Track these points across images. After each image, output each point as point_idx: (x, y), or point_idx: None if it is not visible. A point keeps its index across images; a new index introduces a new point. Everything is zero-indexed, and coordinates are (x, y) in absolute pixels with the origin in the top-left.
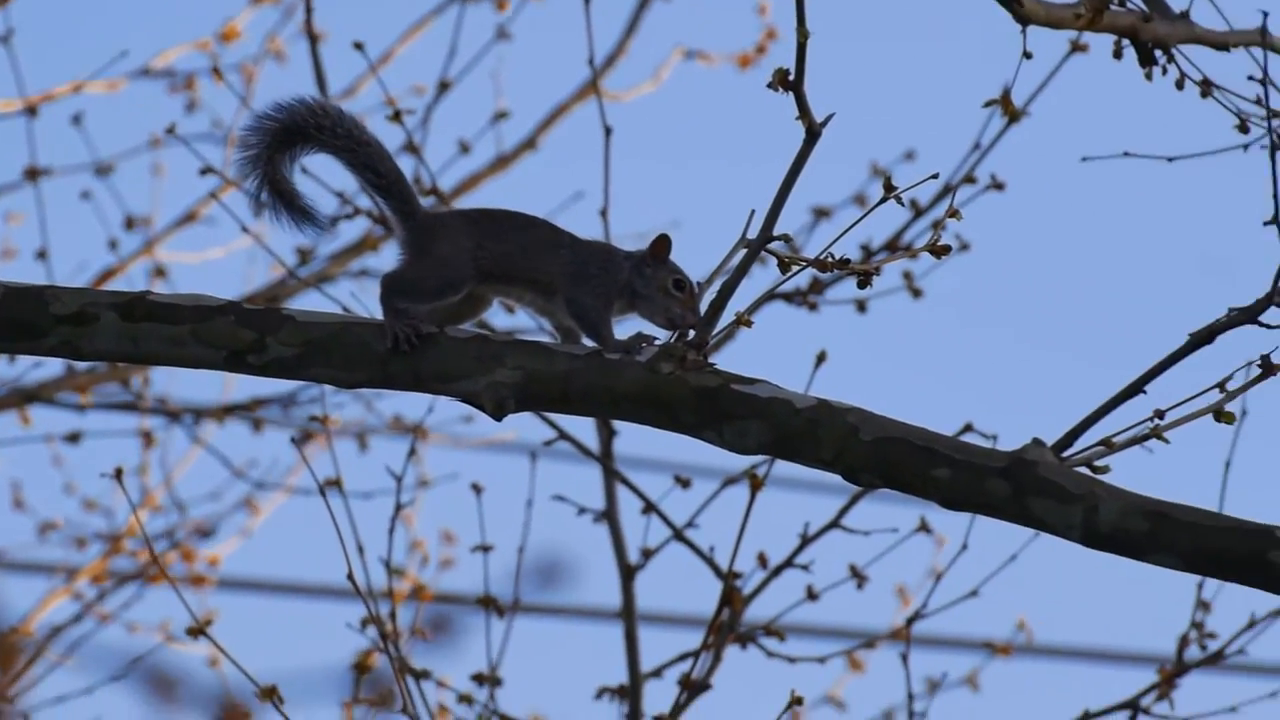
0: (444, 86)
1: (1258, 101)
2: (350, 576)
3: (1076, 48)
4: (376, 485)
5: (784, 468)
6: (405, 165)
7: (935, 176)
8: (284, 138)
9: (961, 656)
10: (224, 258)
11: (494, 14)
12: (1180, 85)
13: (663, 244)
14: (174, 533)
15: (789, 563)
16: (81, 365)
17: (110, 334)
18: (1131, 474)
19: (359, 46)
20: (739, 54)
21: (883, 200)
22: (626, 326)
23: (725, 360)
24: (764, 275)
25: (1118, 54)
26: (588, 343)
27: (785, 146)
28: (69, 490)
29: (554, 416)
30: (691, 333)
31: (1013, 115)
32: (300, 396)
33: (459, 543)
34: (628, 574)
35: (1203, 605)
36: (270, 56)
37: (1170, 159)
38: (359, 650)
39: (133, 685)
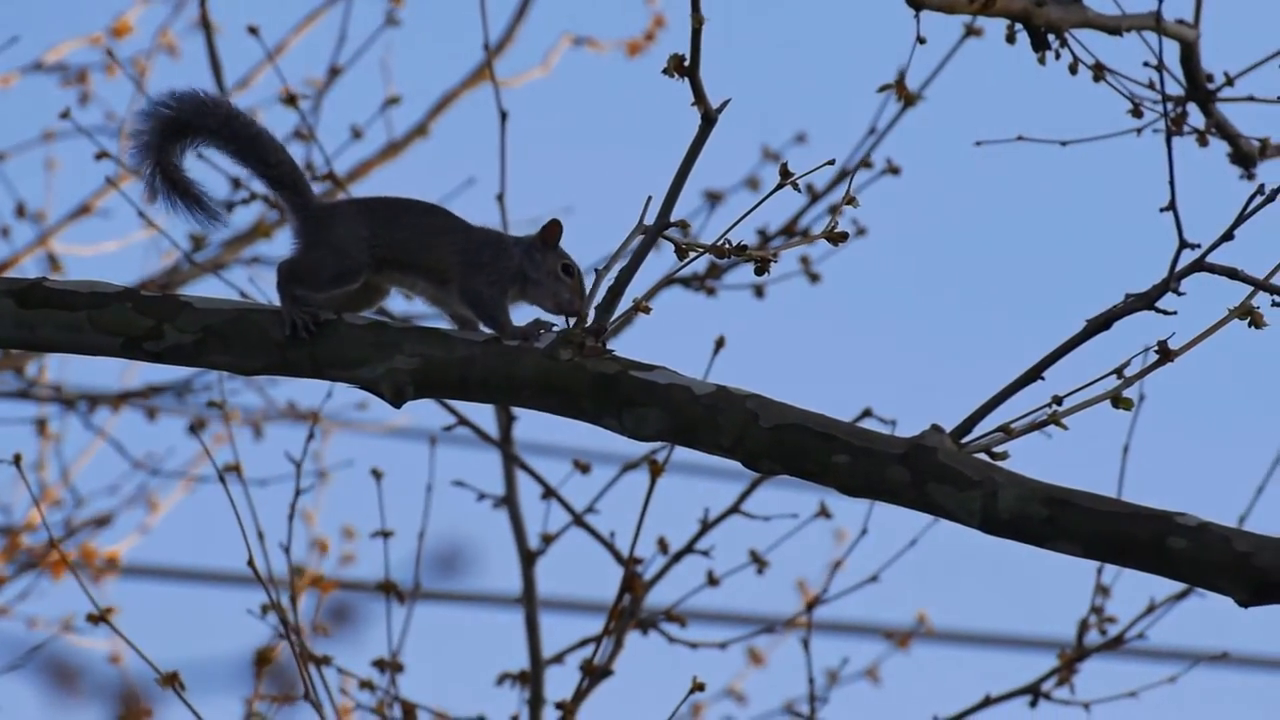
0: (334, 73)
1: (1151, 86)
2: (250, 562)
3: (971, 32)
4: (274, 473)
5: (684, 453)
6: (298, 152)
7: (831, 162)
8: (174, 129)
9: (863, 642)
10: (119, 250)
11: (385, 3)
12: (1074, 70)
13: (554, 229)
14: (71, 522)
15: (689, 548)
16: None
17: (6, 320)
18: (1030, 460)
19: (254, 31)
20: (628, 41)
21: (779, 186)
22: (520, 314)
23: (624, 346)
24: (661, 261)
25: (1011, 38)
26: (485, 330)
27: (677, 132)
28: None
29: (453, 402)
30: (589, 319)
31: (908, 100)
32: (196, 384)
33: (359, 537)
34: (528, 559)
35: (1102, 590)
36: (163, 51)
37: (1064, 143)
38: (261, 638)
39: (31, 675)
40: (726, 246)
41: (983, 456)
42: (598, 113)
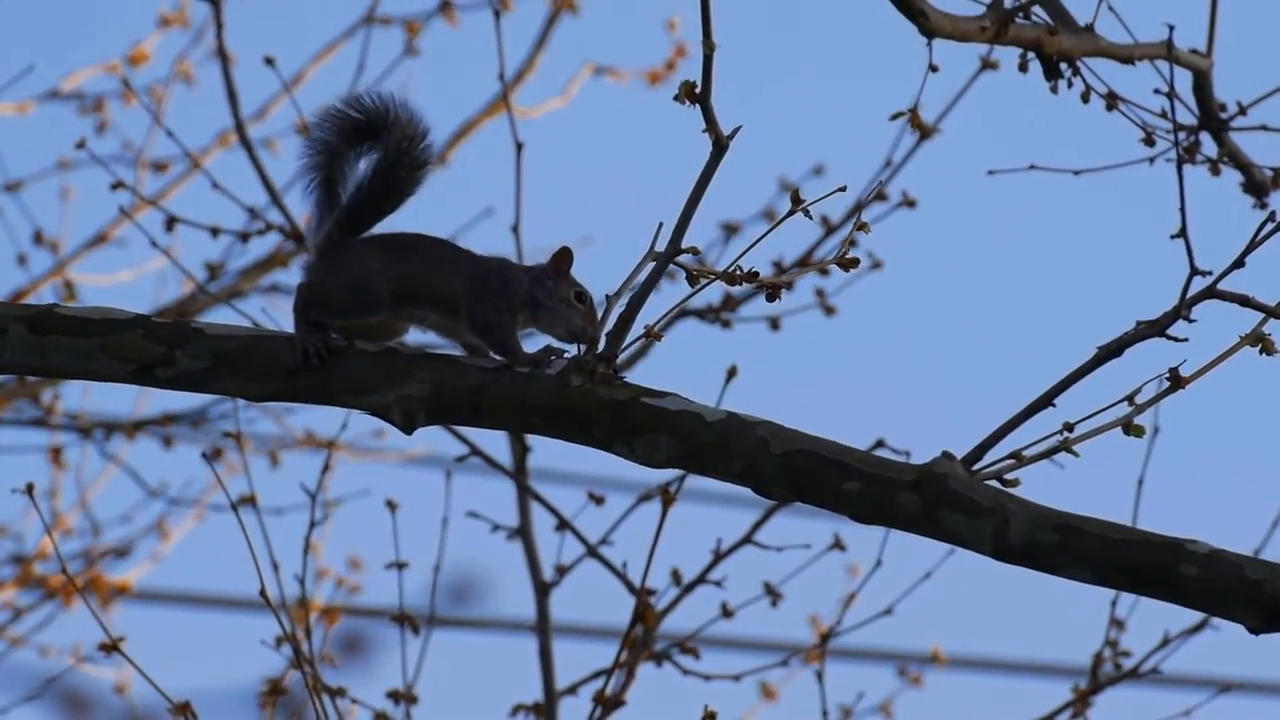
0: None
1: (1163, 114)
2: (263, 591)
3: (987, 64)
4: (289, 502)
5: (698, 481)
6: None
7: (844, 189)
8: (358, 134)
9: (877, 672)
10: (134, 280)
11: (404, 35)
12: (1086, 98)
13: (564, 257)
14: (91, 553)
15: (702, 579)
16: None
17: (18, 347)
18: (1043, 489)
19: (270, 61)
20: (649, 70)
21: (790, 213)
22: (529, 342)
23: (638, 379)
24: (675, 291)
25: (1023, 67)
26: (496, 358)
27: (697, 162)
28: None
29: (468, 432)
30: (599, 347)
31: (924, 132)
32: (211, 413)
33: (367, 568)
34: (542, 590)
35: (1116, 624)
36: (180, 79)
37: (1076, 172)
38: (274, 668)
39: (47, 706)
40: (738, 273)
41: (994, 484)
42: (618, 143)
